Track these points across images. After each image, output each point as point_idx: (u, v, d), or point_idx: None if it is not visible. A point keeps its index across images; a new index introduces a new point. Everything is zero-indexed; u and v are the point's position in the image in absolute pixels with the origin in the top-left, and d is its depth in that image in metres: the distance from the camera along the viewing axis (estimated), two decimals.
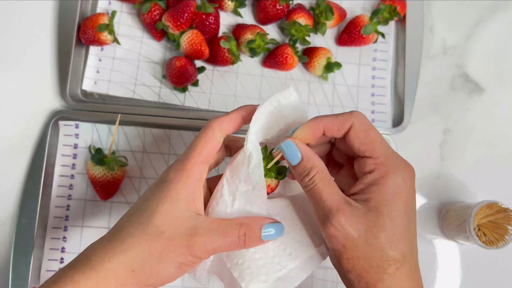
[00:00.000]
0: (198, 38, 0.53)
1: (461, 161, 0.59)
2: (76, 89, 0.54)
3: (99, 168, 0.50)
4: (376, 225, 0.32)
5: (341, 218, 0.32)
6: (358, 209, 0.32)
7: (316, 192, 0.33)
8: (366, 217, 0.32)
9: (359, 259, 0.32)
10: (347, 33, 0.57)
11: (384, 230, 0.32)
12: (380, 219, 0.32)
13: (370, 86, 0.58)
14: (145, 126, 0.54)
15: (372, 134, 0.34)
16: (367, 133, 0.34)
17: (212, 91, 0.56)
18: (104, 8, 0.57)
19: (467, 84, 0.61)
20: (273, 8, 0.55)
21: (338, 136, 0.35)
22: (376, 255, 0.32)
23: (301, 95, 0.57)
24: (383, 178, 0.33)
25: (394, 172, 0.33)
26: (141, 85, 0.55)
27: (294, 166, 0.34)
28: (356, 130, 0.34)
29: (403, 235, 0.32)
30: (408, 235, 0.33)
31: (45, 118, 0.54)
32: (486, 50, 0.62)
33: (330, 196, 0.33)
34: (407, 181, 0.33)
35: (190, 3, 0.52)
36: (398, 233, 0.32)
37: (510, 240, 0.49)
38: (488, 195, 0.57)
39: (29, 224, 0.50)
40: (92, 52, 0.55)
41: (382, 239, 0.32)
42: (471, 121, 0.60)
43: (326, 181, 0.34)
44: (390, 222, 0.32)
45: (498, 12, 0.63)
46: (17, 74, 0.55)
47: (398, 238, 0.32)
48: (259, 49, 0.55)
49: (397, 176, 0.33)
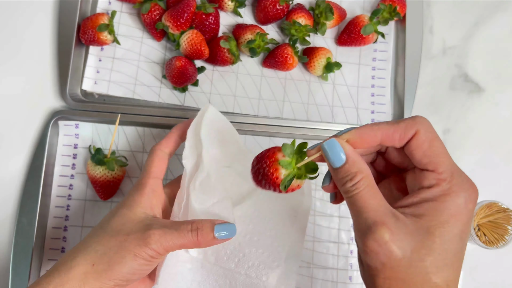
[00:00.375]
0: (198, 38, 0.53)
1: (461, 161, 0.59)
2: (76, 89, 0.54)
3: (99, 168, 0.50)
4: (424, 246, 0.28)
5: (386, 233, 0.28)
6: (406, 225, 0.29)
7: (359, 200, 0.30)
8: (415, 236, 0.29)
9: (398, 280, 0.29)
10: (347, 33, 0.57)
11: (433, 253, 0.28)
12: (430, 240, 0.29)
13: (370, 86, 0.58)
14: (145, 126, 0.54)
15: (438, 145, 0.31)
16: (432, 144, 0.30)
17: (212, 91, 0.56)
18: (104, 8, 0.57)
19: (467, 84, 0.61)
20: (273, 8, 0.55)
21: (398, 146, 0.31)
22: (418, 280, 0.29)
23: (301, 95, 0.57)
24: (443, 196, 0.29)
25: (457, 192, 0.29)
26: (141, 85, 0.55)
27: (336, 169, 0.31)
28: (420, 139, 0.30)
29: (452, 261, 0.29)
30: (456, 263, 0.29)
31: (45, 118, 0.54)
32: (486, 50, 0.62)
33: (375, 206, 0.29)
34: (468, 204, 0.30)
35: (190, 3, 0.52)
36: (448, 259, 0.29)
37: (510, 240, 0.49)
38: (488, 195, 0.57)
39: (29, 224, 0.50)
40: (92, 52, 0.55)
41: (428, 262, 0.28)
42: (471, 121, 0.60)
43: (372, 189, 0.30)
44: (442, 245, 0.29)
45: (498, 12, 0.63)
46: (16, 74, 0.55)
47: (446, 264, 0.29)
48: (259, 49, 0.55)
49: (460, 197, 0.29)
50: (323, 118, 0.57)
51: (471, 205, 0.30)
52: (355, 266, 0.54)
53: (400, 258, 0.28)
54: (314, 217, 0.54)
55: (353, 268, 0.54)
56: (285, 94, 0.57)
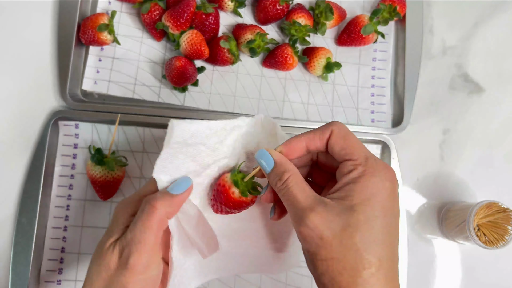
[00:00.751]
0: (198, 38, 0.53)
1: (461, 161, 0.59)
2: (76, 89, 0.54)
3: (99, 168, 0.50)
4: (350, 224, 0.31)
5: (315, 217, 0.31)
6: (333, 208, 0.32)
7: (290, 194, 0.33)
8: (341, 216, 0.31)
9: (333, 261, 0.31)
10: (347, 33, 0.57)
11: (359, 230, 0.31)
12: (355, 218, 0.31)
13: (370, 86, 0.58)
14: (145, 126, 0.54)
15: (351, 138, 0.34)
16: (346, 138, 0.34)
17: (212, 91, 0.56)
18: (104, 8, 0.57)
19: (466, 84, 0.61)
20: (273, 8, 0.55)
21: (321, 146, 0.35)
22: (350, 257, 0.31)
23: (301, 95, 0.57)
24: (360, 178, 0.32)
25: (372, 172, 0.32)
26: (141, 85, 0.55)
27: (269, 174, 0.35)
28: (336, 136, 0.34)
29: (380, 238, 0.31)
30: (386, 239, 0.32)
31: (45, 118, 0.54)
32: (485, 50, 0.62)
33: (304, 198, 0.33)
34: (385, 182, 0.32)
35: (190, 3, 0.52)
36: (375, 235, 0.31)
37: (509, 240, 0.49)
38: (487, 195, 0.57)
39: (29, 224, 0.50)
40: (92, 52, 0.55)
41: (357, 239, 0.31)
42: (471, 121, 0.60)
43: (301, 184, 0.34)
44: (366, 222, 0.31)
45: (497, 12, 0.63)
46: (17, 74, 0.55)
47: (375, 240, 0.31)
48: (259, 49, 0.55)
49: (375, 177, 0.32)
50: (323, 118, 0.57)
51: (388, 183, 0.32)
52: None
53: (331, 239, 0.31)
54: None
55: None
56: (285, 94, 0.57)
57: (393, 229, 0.33)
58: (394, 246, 0.33)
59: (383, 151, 0.57)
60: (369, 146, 0.56)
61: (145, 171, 0.54)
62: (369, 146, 0.56)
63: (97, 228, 0.52)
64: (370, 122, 0.57)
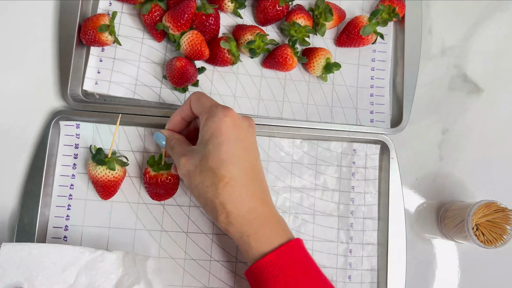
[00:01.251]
0: (198, 39, 0.53)
1: (459, 161, 0.59)
2: (77, 89, 0.55)
3: (100, 168, 0.50)
4: (205, 155, 0.41)
5: (183, 159, 0.43)
6: (195, 150, 0.43)
7: (175, 153, 0.45)
8: (200, 151, 0.42)
9: (200, 184, 0.42)
10: (346, 34, 0.57)
11: (210, 156, 0.41)
12: (207, 149, 0.42)
13: (369, 86, 0.59)
14: (145, 126, 0.54)
15: (203, 99, 0.45)
16: (199, 100, 0.45)
17: (212, 91, 0.56)
18: (105, 8, 0.57)
19: (465, 84, 0.61)
20: (272, 9, 0.55)
21: (190, 113, 0.46)
22: (209, 176, 0.41)
23: (301, 95, 0.57)
24: (205, 121, 0.43)
25: (213, 114, 0.42)
26: (141, 85, 0.55)
27: (165, 147, 0.48)
28: (193, 102, 0.45)
29: (229, 159, 0.41)
30: (236, 162, 0.41)
31: (46, 118, 0.54)
32: (484, 50, 0.62)
33: (181, 150, 0.45)
34: (224, 118, 0.42)
35: (190, 4, 0.53)
36: (223, 156, 0.41)
37: (508, 240, 0.50)
38: (486, 195, 0.58)
39: (30, 224, 0.50)
40: (92, 53, 0.56)
41: (210, 163, 0.41)
42: (470, 121, 0.60)
43: (181, 144, 0.46)
44: (214, 149, 0.41)
45: (496, 13, 0.63)
46: (18, 75, 0.56)
47: (225, 161, 0.41)
48: (259, 49, 0.55)
49: (215, 117, 0.42)
50: (323, 118, 0.57)
51: (227, 118, 0.42)
52: (354, 265, 0.54)
53: (194, 168, 0.42)
54: (313, 216, 0.55)
55: (352, 267, 0.54)
56: (285, 95, 0.57)
57: (240, 151, 0.42)
58: (245, 165, 0.42)
59: (382, 151, 0.57)
60: (368, 146, 0.57)
61: None
62: (369, 146, 0.57)
63: (98, 228, 0.52)
64: (369, 122, 0.58)
